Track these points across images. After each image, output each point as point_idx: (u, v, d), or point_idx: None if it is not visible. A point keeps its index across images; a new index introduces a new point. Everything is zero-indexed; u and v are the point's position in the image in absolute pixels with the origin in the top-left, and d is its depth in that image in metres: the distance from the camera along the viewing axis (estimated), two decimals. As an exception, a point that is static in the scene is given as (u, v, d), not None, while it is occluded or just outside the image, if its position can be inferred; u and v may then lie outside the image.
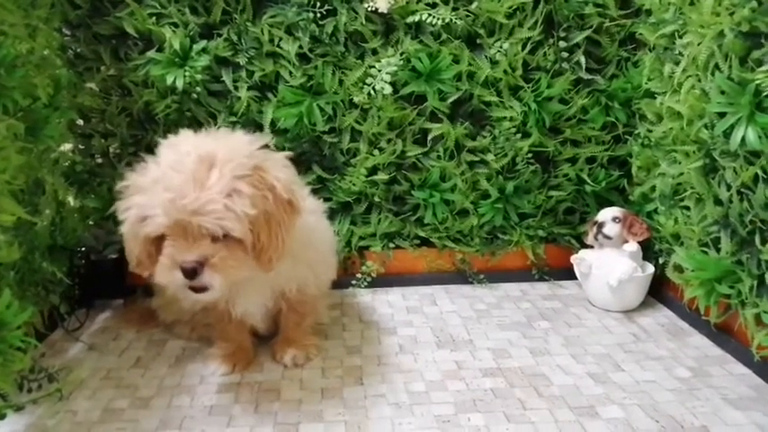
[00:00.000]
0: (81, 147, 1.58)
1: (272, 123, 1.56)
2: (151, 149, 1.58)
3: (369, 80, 1.55)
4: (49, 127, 1.21)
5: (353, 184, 1.62)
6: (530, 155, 1.66)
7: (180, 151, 1.04)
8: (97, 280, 1.57)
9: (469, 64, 1.57)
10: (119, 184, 1.11)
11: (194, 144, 1.05)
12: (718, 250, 1.28)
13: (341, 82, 1.57)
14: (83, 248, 1.55)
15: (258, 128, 1.55)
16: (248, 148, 1.07)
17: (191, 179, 0.99)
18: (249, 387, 1.21)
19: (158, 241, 1.03)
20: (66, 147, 1.52)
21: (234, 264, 1.03)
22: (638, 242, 1.54)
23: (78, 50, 1.52)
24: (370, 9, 1.51)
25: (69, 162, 1.54)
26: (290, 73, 1.54)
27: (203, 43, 1.50)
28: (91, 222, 1.60)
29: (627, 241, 1.55)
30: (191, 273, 1.00)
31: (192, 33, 1.50)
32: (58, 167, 1.43)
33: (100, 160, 1.59)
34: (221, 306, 1.21)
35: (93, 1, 1.48)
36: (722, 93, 1.19)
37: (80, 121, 1.56)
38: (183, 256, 1.00)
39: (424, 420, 1.09)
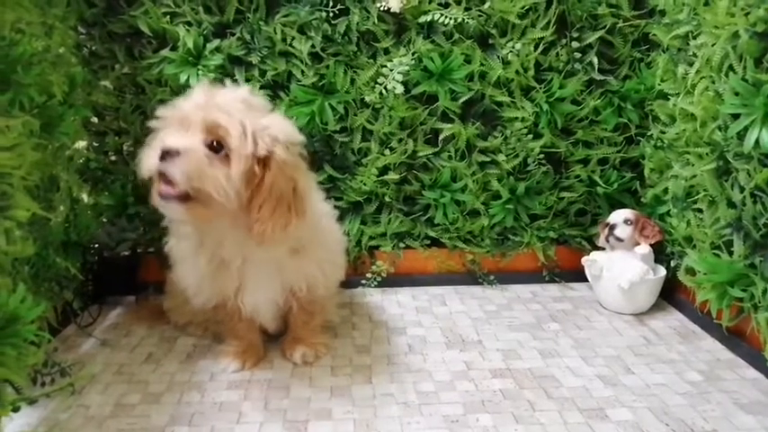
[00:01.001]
0: (95, 144, 1.59)
1: (284, 122, 1.56)
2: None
3: (380, 80, 1.55)
4: (64, 124, 1.22)
5: (364, 184, 1.62)
6: (541, 156, 1.65)
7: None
8: (110, 277, 1.59)
9: (481, 64, 1.57)
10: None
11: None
12: (730, 253, 1.27)
13: (353, 81, 1.57)
14: (96, 245, 1.57)
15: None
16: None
17: (212, 93, 1.04)
18: (259, 384, 1.22)
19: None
20: (81, 144, 1.54)
21: (211, 175, 0.99)
22: (650, 244, 1.53)
23: (93, 49, 1.53)
24: (382, 9, 1.52)
25: (83, 159, 1.55)
26: (303, 72, 1.55)
27: (216, 42, 1.51)
28: (104, 219, 1.61)
29: (638, 243, 1.54)
30: (163, 155, 0.98)
31: (205, 32, 1.51)
32: (73, 164, 1.44)
33: (113, 158, 1.61)
34: (231, 304, 1.22)
35: (108, 0, 1.49)
36: (736, 94, 1.18)
37: (94, 119, 1.58)
38: (168, 141, 1.00)
39: (432, 420, 1.09)
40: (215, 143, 1.01)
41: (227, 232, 1.11)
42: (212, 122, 1.01)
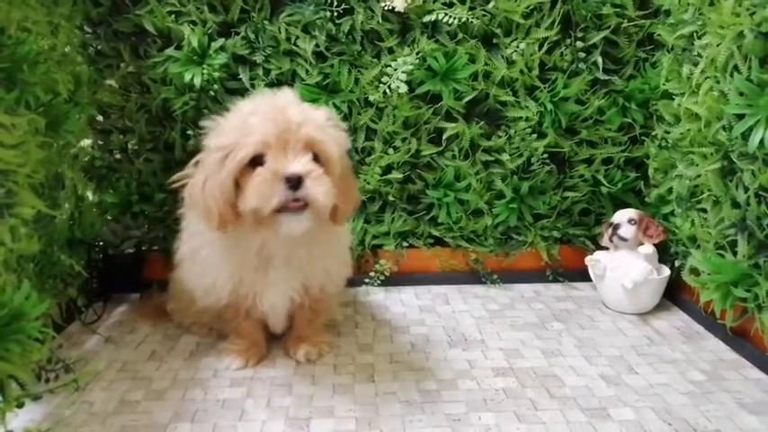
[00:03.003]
0: (100, 142, 1.60)
1: (288, 121, 1.57)
2: (169, 146, 1.61)
3: (384, 79, 1.55)
4: (69, 122, 1.22)
5: (368, 183, 1.63)
6: (545, 155, 1.65)
7: (260, 100, 1.09)
8: (114, 274, 1.60)
9: (486, 63, 1.57)
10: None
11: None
12: (734, 253, 1.27)
13: (357, 80, 1.57)
14: (101, 242, 1.58)
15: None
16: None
17: (287, 104, 1.05)
18: (261, 382, 1.22)
19: (248, 170, 1.04)
20: (86, 142, 1.55)
21: (329, 187, 1.04)
22: (654, 244, 1.53)
23: (99, 47, 1.54)
24: (386, 8, 1.52)
25: (88, 157, 1.56)
26: (307, 71, 1.55)
27: (221, 41, 1.52)
28: (109, 217, 1.62)
29: (642, 243, 1.54)
30: (296, 183, 1.00)
31: (210, 31, 1.52)
32: (78, 162, 1.45)
33: (118, 156, 1.61)
34: (242, 303, 1.22)
35: (113, -1, 1.50)
36: (741, 94, 1.18)
37: (99, 117, 1.58)
38: (286, 167, 1.01)
39: (434, 418, 1.09)
40: (314, 156, 1.05)
41: (278, 242, 1.14)
42: (311, 139, 1.04)
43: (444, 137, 1.63)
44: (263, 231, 1.10)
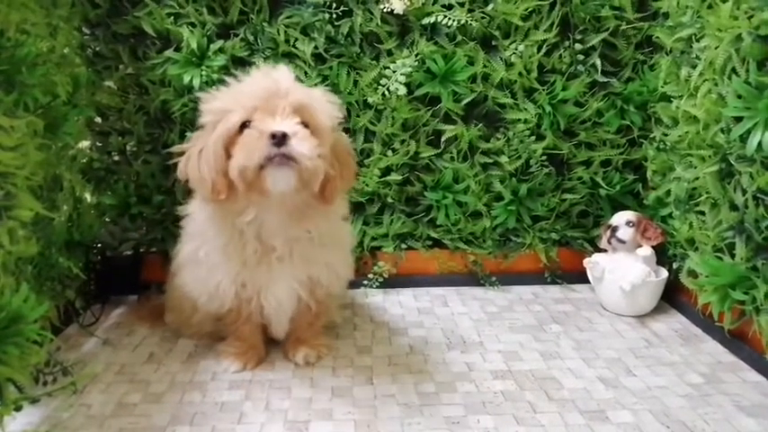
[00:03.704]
0: (98, 144, 1.60)
1: (287, 123, 1.57)
2: (167, 148, 1.61)
3: (383, 81, 1.55)
4: (67, 124, 1.22)
5: (366, 185, 1.63)
6: (544, 157, 1.65)
7: (254, 72, 1.13)
8: (112, 276, 1.59)
9: (484, 66, 1.57)
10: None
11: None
12: (732, 256, 1.27)
13: (356, 83, 1.57)
14: (99, 244, 1.57)
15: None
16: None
17: (279, 75, 1.09)
18: (260, 385, 1.22)
19: (238, 136, 1.07)
20: (84, 144, 1.54)
21: (315, 147, 1.06)
22: (652, 247, 1.53)
23: (97, 49, 1.54)
24: (385, 10, 1.52)
25: (87, 159, 1.56)
26: (306, 73, 1.55)
27: (220, 43, 1.51)
28: (107, 219, 1.62)
29: (641, 245, 1.54)
30: (280, 140, 1.03)
31: (209, 33, 1.52)
32: (76, 164, 1.45)
33: (117, 158, 1.61)
34: (246, 306, 1.22)
35: (112, 0, 1.50)
36: (739, 97, 1.18)
37: (98, 119, 1.58)
38: (271, 126, 1.04)
39: (433, 421, 1.09)
40: (303, 123, 1.08)
41: (272, 217, 1.15)
42: (299, 104, 1.07)
43: (443, 139, 1.63)
44: (254, 197, 1.11)
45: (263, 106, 1.06)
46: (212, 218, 1.18)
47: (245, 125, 1.07)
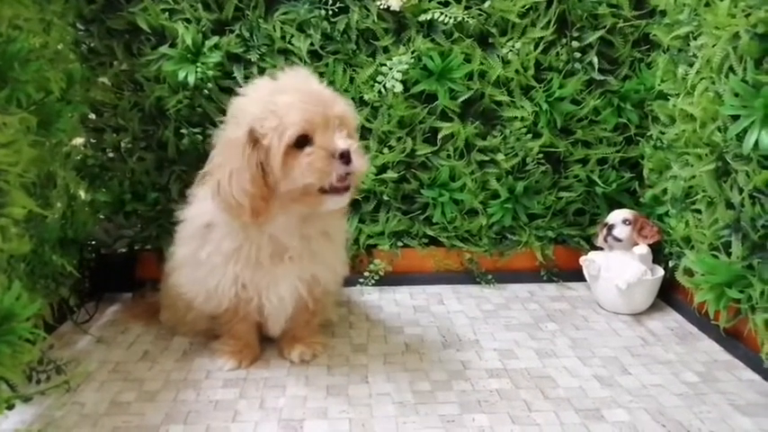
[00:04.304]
0: (93, 141, 1.59)
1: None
2: (162, 145, 1.60)
3: (380, 78, 1.54)
4: (61, 121, 1.21)
5: (363, 182, 1.62)
6: (540, 155, 1.65)
7: (283, 77, 1.11)
8: (107, 273, 1.59)
9: (481, 63, 1.57)
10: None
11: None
12: (729, 254, 1.27)
13: (352, 80, 1.57)
14: (93, 242, 1.56)
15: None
16: None
17: (313, 83, 1.09)
18: (255, 383, 1.22)
19: (290, 151, 1.05)
20: (78, 141, 1.53)
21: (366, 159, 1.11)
22: (649, 245, 1.53)
23: (91, 45, 1.53)
24: (382, 7, 1.51)
25: (81, 156, 1.55)
26: (301, 70, 1.54)
27: (215, 39, 1.51)
28: (101, 216, 1.61)
29: (637, 244, 1.53)
30: (348, 158, 1.04)
31: (204, 29, 1.51)
32: (70, 161, 1.44)
33: (111, 155, 1.60)
34: (244, 306, 1.21)
35: (106, -4, 1.49)
36: (736, 95, 1.17)
37: (92, 116, 1.57)
38: (337, 144, 1.04)
39: (428, 420, 1.09)
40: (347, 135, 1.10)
41: (293, 219, 1.16)
42: (343, 115, 1.09)
43: (439, 136, 1.62)
44: (295, 209, 1.12)
45: (319, 121, 1.04)
46: (225, 225, 1.15)
47: (304, 142, 1.05)
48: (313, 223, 1.18)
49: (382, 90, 1.54)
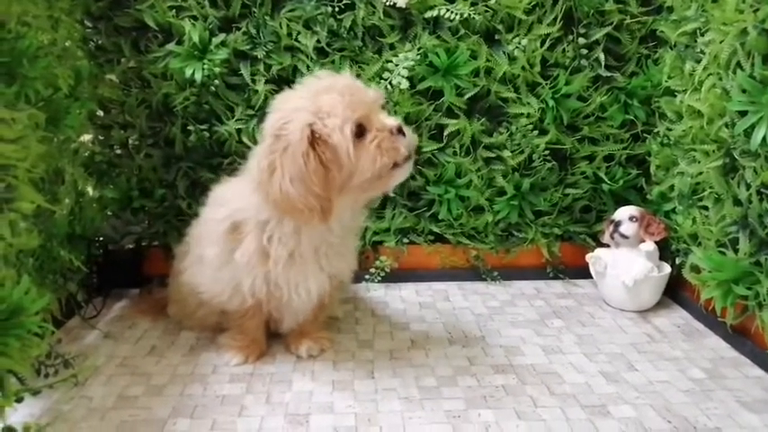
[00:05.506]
0: (100, 137, 1.60)
1: (289, 117, 1.56)
2: (169, 141, 1.61)
3: (386, 75, 1.54)
4: (69, 117, 1.22)
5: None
6: (547, 152, 1.64)
7: (312, 81, 1.14)
8: (114, 269, 1.60)
9: (487, 60, 1.57)
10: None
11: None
12: (736, 251, 1.26)
13: (358, 76, 1.56)
14: (100, 238, 1.57)
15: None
16: None
17: (349, 78, 1.14)
18: (261, 378, 1.22)
19: (355, 142, 1.08)
20: (86, 137, 1.55)
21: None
22: (655, 242, 1.53)
23: (99, 42, 1.54)
24: (388, 4, 1.51)
25: (89, 152, 1.56)
26: (308, 67, 1.55)
27: (222, 36, 1.51)
28: (109, 212, 1.62)
29: (644, 241, 1.53)
30: (402, 130, 1.11)
31: (211, 26, 1.51)
32: (78, 157, 1.45)
33: (119, 151, 1.61)
34: (268, 302, 1.22)
35: (114, -7, 1.50)
36: (744, 91, 1.17)
37: (100, 112, 1.58)
38: (391, 122, 1.11)
39: (434, 415, 1.09)
40: None
41: (343, 214, 1.18)
42: (380, 101, 1.15)
43: (445, 133, 1.62)
44: (362, 199, 1.19)
45: (365, 108, 1.09)
46: (278, 227, 1.15)
47: (361, 131, 1.08)
48: (356, 216, 1.23)
49: (388, 87, 1.54)
